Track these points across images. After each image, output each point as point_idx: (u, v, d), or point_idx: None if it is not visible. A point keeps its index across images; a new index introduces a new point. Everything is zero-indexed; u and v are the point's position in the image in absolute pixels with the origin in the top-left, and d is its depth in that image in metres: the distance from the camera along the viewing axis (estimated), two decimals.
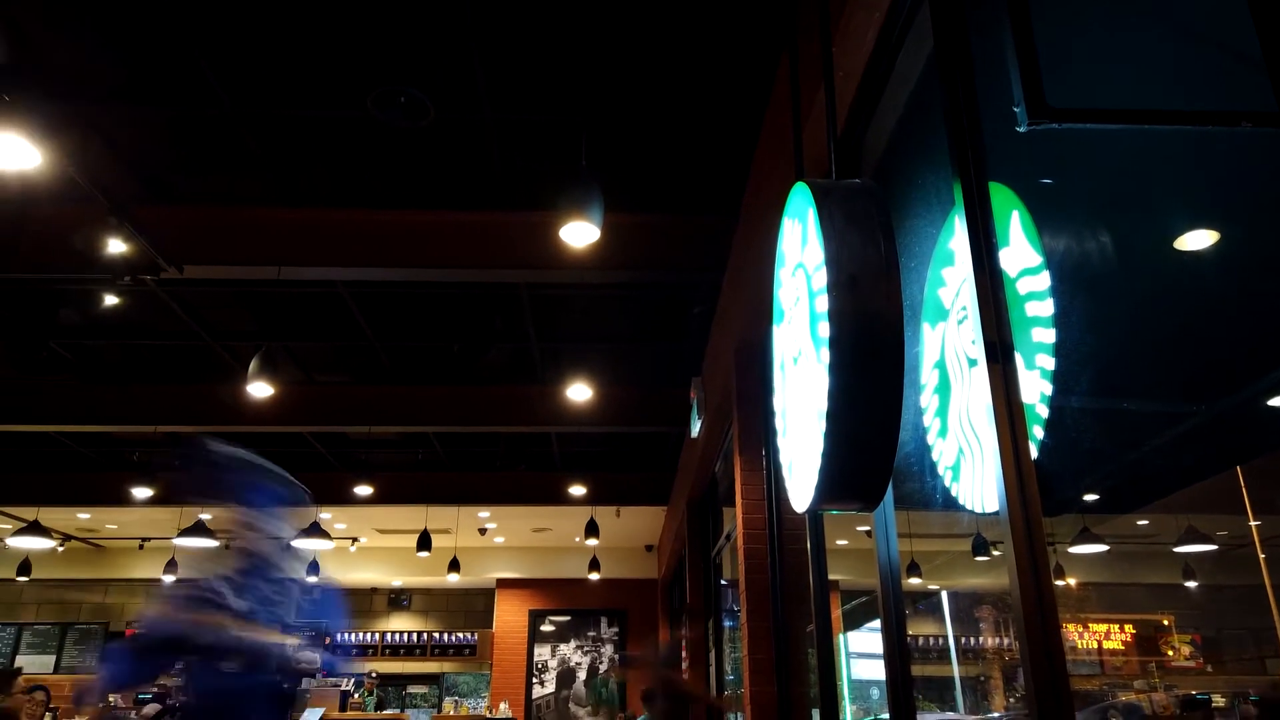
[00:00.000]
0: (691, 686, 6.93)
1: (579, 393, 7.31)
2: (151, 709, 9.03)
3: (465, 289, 6.28)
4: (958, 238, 2.05)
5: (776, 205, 2.90)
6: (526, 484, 10.60)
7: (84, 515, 11.61)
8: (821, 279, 1.95)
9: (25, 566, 12.03)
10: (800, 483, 2.18)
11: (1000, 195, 2.12)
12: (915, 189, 2.86)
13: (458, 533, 12.13)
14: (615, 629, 13.96)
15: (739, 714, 6.85)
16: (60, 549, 12.67)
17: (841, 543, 9.03)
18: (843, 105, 3.02)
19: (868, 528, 2.94)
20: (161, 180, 5.27)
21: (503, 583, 14.09)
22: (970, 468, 2.14)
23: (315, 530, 9.55)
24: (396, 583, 14.78)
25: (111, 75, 4.37)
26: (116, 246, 5.06)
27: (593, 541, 10.83)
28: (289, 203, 5.43)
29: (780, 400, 2.56)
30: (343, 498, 10.23)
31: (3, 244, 5.25)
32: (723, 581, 7.77)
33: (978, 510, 2.10)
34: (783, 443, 2.49)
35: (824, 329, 1.91)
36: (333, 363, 7.88)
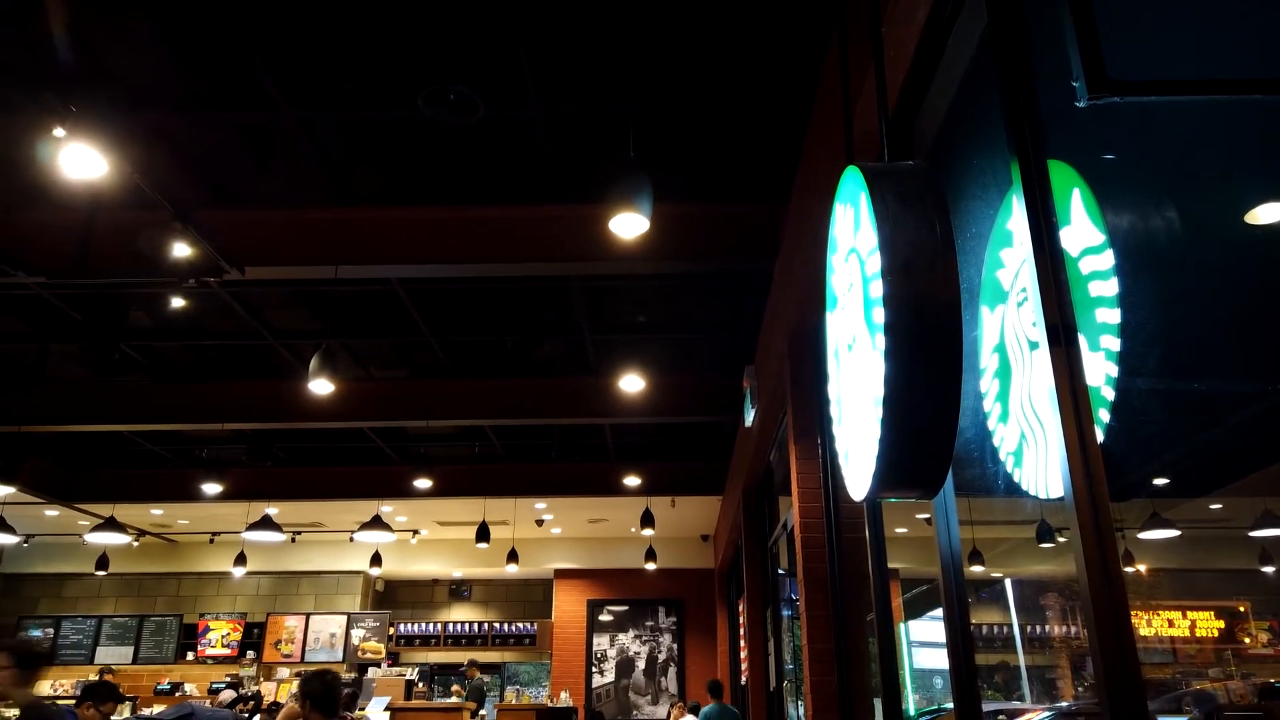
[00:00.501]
0: None
1: (631, 384, 7.33)
2: (227, 695, 9.33)
3: (517, 283, 6.33)
4: (1016, 218, 2.00)
5: (827, 190, 2.87)
6: (581, 475, 10.67)
7: (157, 511, 12.02)
8: (875, 263, 1.92)
9: (103, 561, 12.51)
10: (857, 471, 2.16)
11: (1060, 173, 2.06)
12: (971, 169, 2.80)
13: (515, 524, 12.27)
14: (673, 619, 14.00)
15: (799, 702, 6.82)
16: (135, 544, 13.15)
17: (901, 530, 8.92)
18: (894, 86, 2.97)
19: (927, 515, 2.90)
20: (222, 184, 5.41)
21: (560, 573, 14.23)
22: (1033, 453, 2.10)
23: (377, 523, 9.76)
24: (457, 573, 15.02)
25: (173, 84, 4.50)
26: (181, 250, 5.22)
27: (648, 532, 10.86)
28: (344, 203, 5.54)
29: (835, 388, 2.53)
30: (403, 491, 10.42)
31: (74, 250, 5.44)
32: (780, 570, 7.74)
33: (1041, 496, 2.06)
34: (838, 430, 2.47)
35: (879, 314, 1.89)
36: (390, 359, 8.02)
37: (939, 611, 2.80)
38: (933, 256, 1.88)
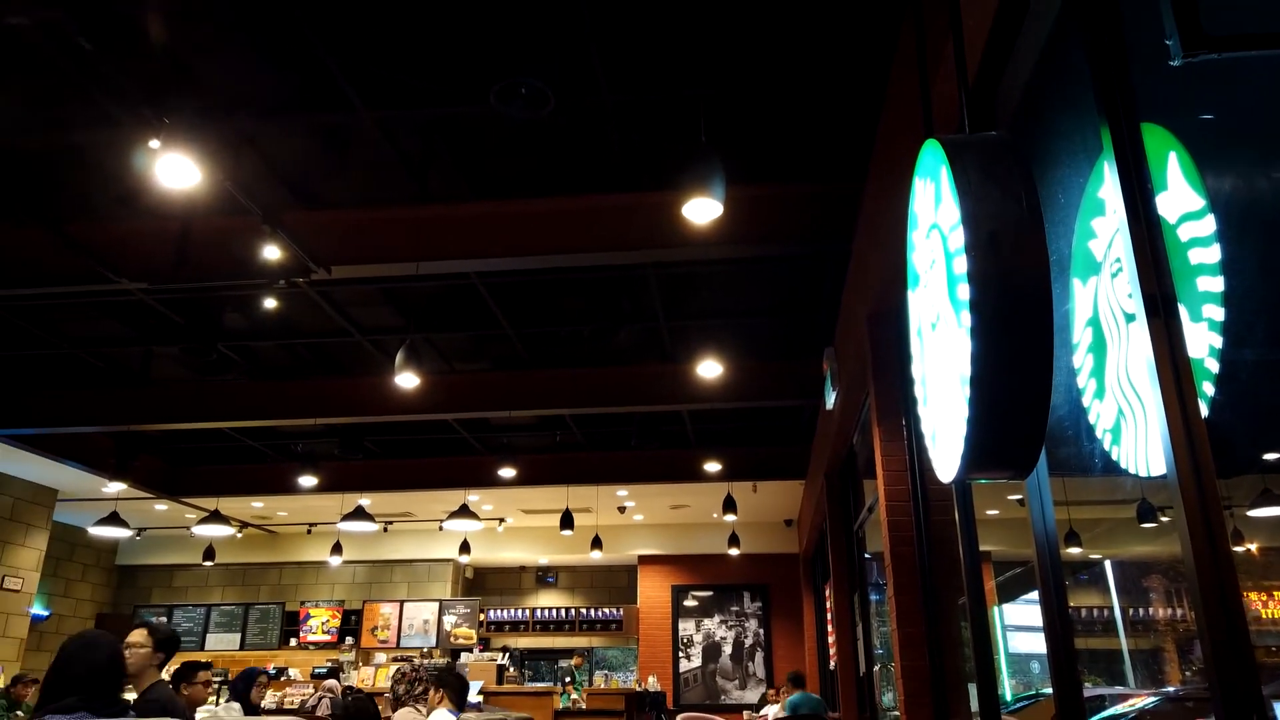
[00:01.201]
0: None
1: (709, 369, 7.31)
2: (330, 682, 9.70)
3: (592, 272, 6.37)
4: (1108, 185, 1.92)
5: (906, 166, 2.80)
6: (661, 462, 10.71)
7: (257, 504, 12.56)
8: (958, 239, 1.87)
9: (210, 552, 13.14)
10: (945, 452, 2.11)
11: (1154, 136, 1.97)
12: (1058, 137, 2.69)
13: (598, 511, 12.40)
14: (759, 604, 13.96)
15: (890, 687, 6.73)
16: (239, 535, 13.76)
17: (992, 512, 8.66)
18: (973, 55, 2.88)
19: (1020, 496, 2.82)
20: (306, 187, 5.59)
21: (644, 559, 14.33)
22: (1132, 429, 2.01)
23: (464, 512, 9.99)
24: (543, 560, 15.28)
25: (256, 92, 4.66)
26: (271, 252, 5.42)
27: (731, 517, 10.84)
28: (422, 200, 5.66)
29: (919, 368, 2.48)
30: (488, 480, 10.64)
31: (172, 256, 5.71)
32: (866, 555, 7.63)
33: (1142, 474, 1.98)
34: (924, 411, 2.41)
35: (963, 291, 1.83)
36: (471, 352, 8.18)
37: (1035, 595, 2.72)
38: (1019, 229, 1.82)
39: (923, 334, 2.39)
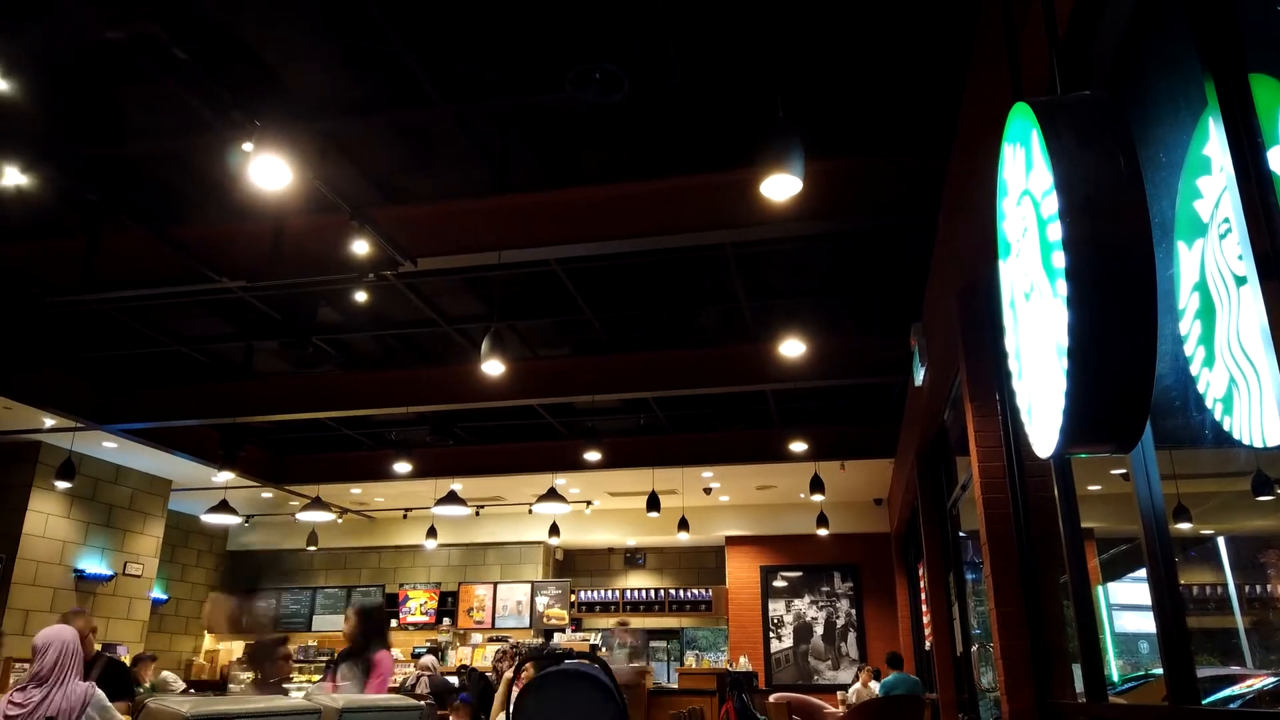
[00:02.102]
0: None
1: (792, 348, 7.22)
2: (428, 659, 10.03)
3: (671, 254, 6.35)
4: (1213, 142, 1.82)
5: (993, 132, 2.70)
6: (746, 443, 10.66)
7: (356, 490, 13.02)
8: (1052, 205, 1.80)
9: (313, 537, 13.71)
10: (1042, 427, 2.04)
11: (1263, 88, 1.85)
12: (1156, 94, 2.56)
13: (684, 493, 12.44)
14: (849, 584, 13.80)
15: (989, 668, 6.58)
16: (339, 521, 14.30)
17: (1094, 488, 8.35)
18: (1063, 11, 2.75)
19: (1124, 471, 2.71)
20: (392, 182, 5.73)
21: (731, 540, 14.32)
22: (1244, 398, 1.91)
23: (552, 495, 10.16)
24: (630, 542, 15.42)
25: (339, 92, 4.79)
26: (360, 247, 5.59)
27: (818, 497, 10.72)
28: (501, 190, 5.74)
29: (1012, 340, 2.40)
30: (574, 464, 10.78)
31: (267, 254, 5.94)
32: (961, 533, 7.45)
33: (1256, 445, 1.88)
34: (1018, 385, 2.34)
35: (1058, 259, 1.77)
36: (554, 337, 8.29)
37: (1143, 572, 2.62)
38: (1117, 192, 1.73)
39: (1015, 305, 2.31)
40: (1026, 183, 2.05)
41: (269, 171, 4.36)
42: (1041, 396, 2.01)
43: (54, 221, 5.98)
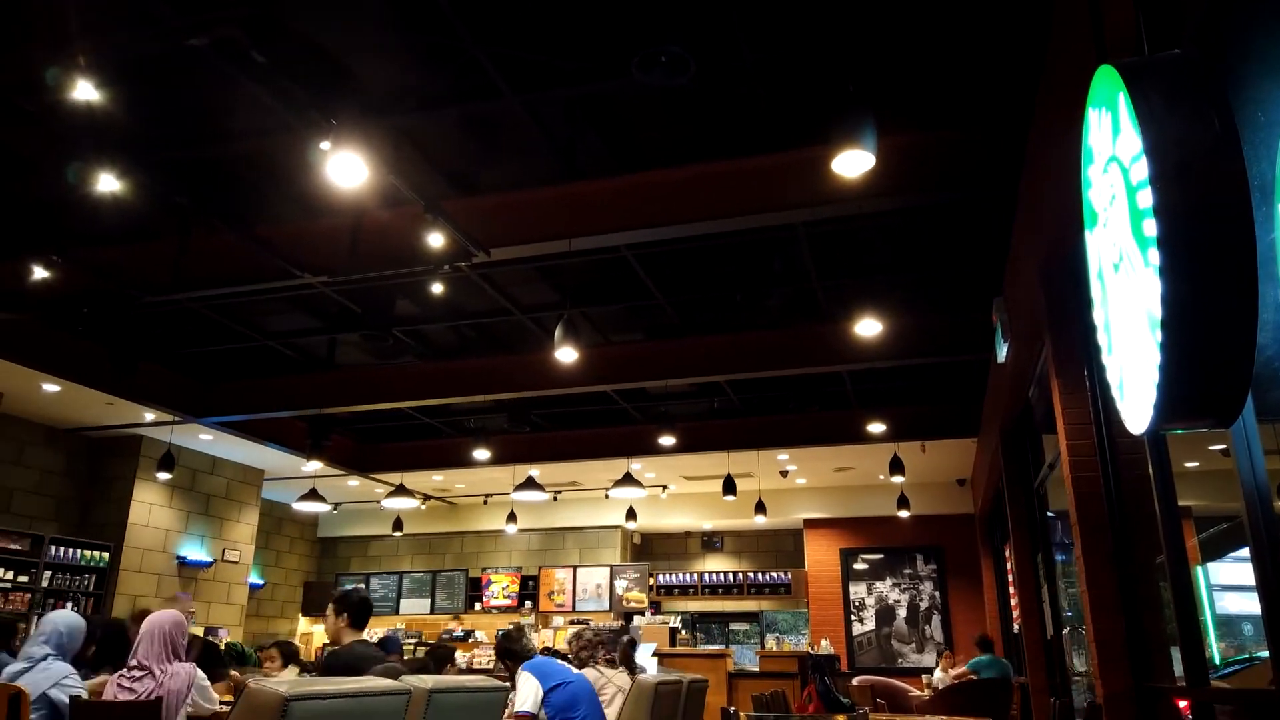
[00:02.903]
0: None
1: (868, 328, 7.09)
2: None
3: (741, 236, 6.30)
4: None
5: (1076, 97, 2.59)
6: (822, 424, 10.53)
7: (437, 477, 13.34)
8: (1141, 170, 1.72)
9: (398, 523, 14.10)
10: (1135, 402, 1.96)
11: None
12: (1253, 49, 2.41)
13: (760, 476, 12.38)
14: (933, 566, 13.55)
15: (1081, 651, 6.39)
16: (423, 507, 14.68)
17: (1191, 464, 8.00)
18: None
19: (1223, 446, 2.59)
20: (463, 174, 5.82)
21: (810, 523, 14.19)
22: None
23: (628, 480, 10.22)
24: (707, 525, 15.43)
25: (410, 87, 4.88)
26: (435, 240, 5.70)
27: (899, 479, 10.54)
28: (570, 178, 5.77)
29: (1100, 313, 2.31)
30: (649, 449, 10.82)
31: (347, 249, 6.10)
32: (1050, 513, 7.23)
33: None
34: (1108, 360, 2.25)
35: (1150, 227, 1.69)
36: (625, 323, 8.31)
37: (1245, 551, 2.50)
38: (1212, 155, 1.65)
39: (1104, 276, 2.22)
40: (1113, 148, 1.96)
41: (346, 168, 4.47)
42: (1134, 370, 1.93)
43: (148, 225, 6.25)
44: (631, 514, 12.97)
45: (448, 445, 11.90)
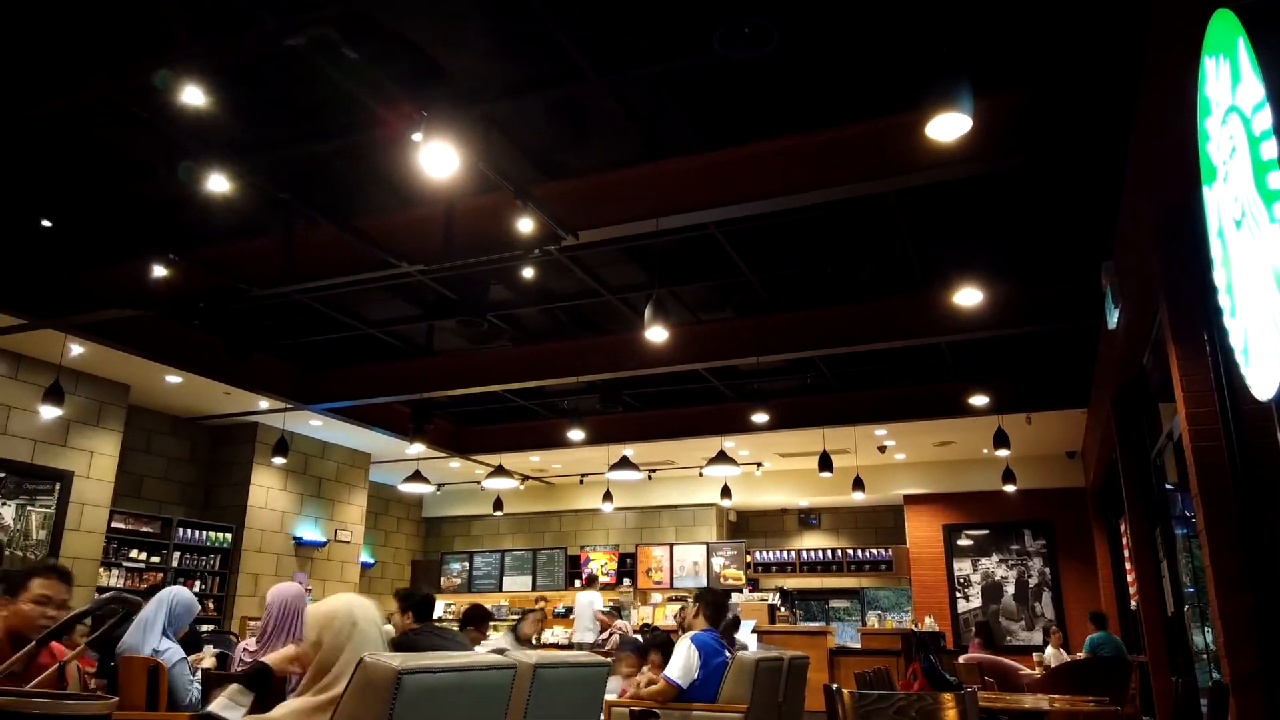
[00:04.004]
0: None
1: (967, 297, 6.86)
2: (620, 624, 10.37)
3: (830, 208, 6.15)
4: None
5: (1190, 45, 2.43)
6: (921, 398, 10.28)
7: (534, 458, 13.61)
8: (1264, 120, 1.60)
9: (498, 503, 14.46)
10: (1261, 366, 1.84)
11: None
12: None
13: (857, 452, 12.18)
14: (1042, 541, 13.10)
15: (1205, 629, 6.09)
16: (521, 487, 15.01)
17: None
18: None
19: None
20: (550, 159, 5.87)
21: (910, 499, 13.91)
22: None
23: (722, 458, 10.21)
24: (803, 502, 15.30)
25: (495, 75, 4.94)
26: (525, 225, 5.78)
27: (1003, 452, 10.19)
28: (656, 157, 5.75)
29: (1222, 273, 2.17)
30: (742, 426, 10.77)
31: (441, 237, 6.24)
32: (1168, 485, 6.89)
33: None
34: (1231, 322, 2.12)
35: (1275, 180, 1.57)
36: (714, 301, 8.27)
37: None
38: None
39: (1224, 234, 2.09)
40: (1233, 98, 1.84)
41: (437, 158, 4.57)
42: (1259, 332, 1.81)
43: (255, 222, 6.54)
44: (726, 492, 12.95)
45: (543, 426, 12.12)
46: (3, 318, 7.45)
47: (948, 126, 3.98)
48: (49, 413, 8.18)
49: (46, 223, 6.46)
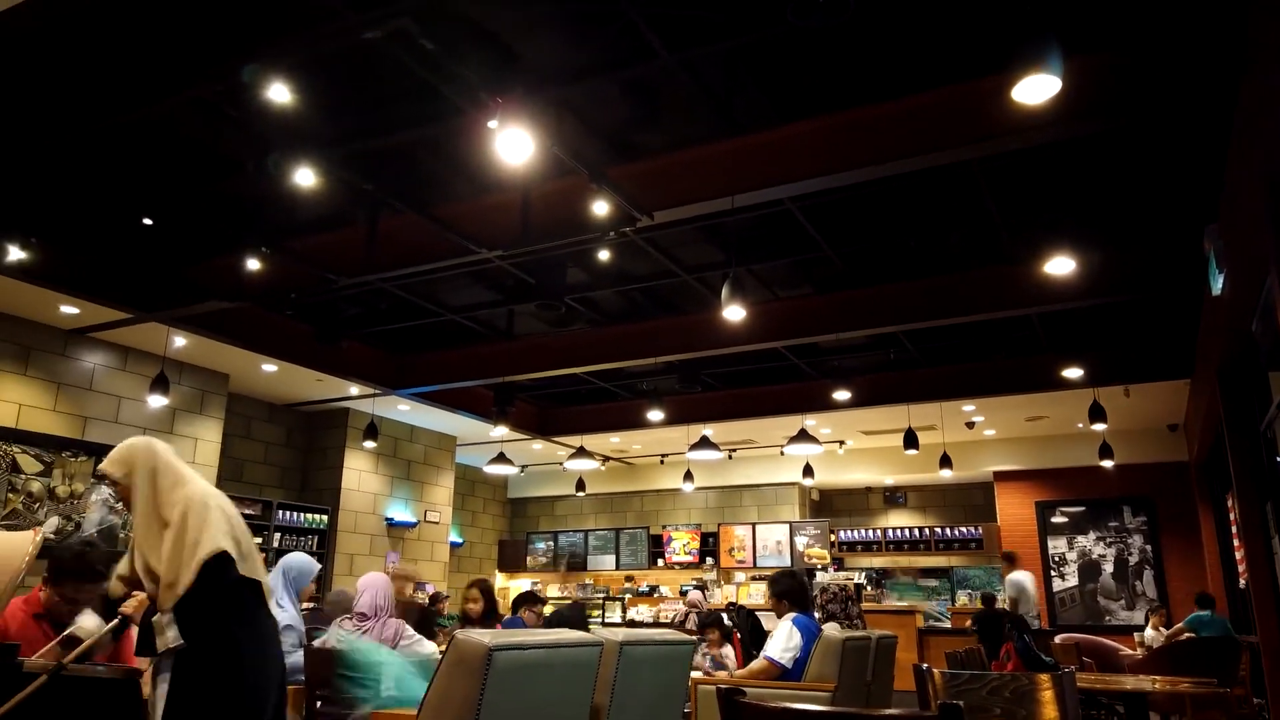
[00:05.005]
0: None
1: (1059, 266, 6.59)
2: (694, 595, 10.41)
3: (911, 179, 5.97)
4: None
5: None
6: (1010, 372, 9.96)
7: (614, 439, 13.72)
8: None
9: (580, 484, 14.64)
10: None
11: None
12: None
13: (943, 428, 11.90)
14: (1142, 518, 12.59)
15: None
16: (602, 468, 15.15)
17: None
18: None
19: None
20: (623, 140, 5.87)
21: (1000, 475, 13.53)
22: None
23: (803, 436, 10.11)
24: (889, 480, 15.05)
25: (568, 59, 4.95)
26: (600, 207, 5.80)
27: (1100, 426, 9.80)
28: (730, 134, 5.69)
29: None
30: (823, 404, 10.64)
31: (518, 223, 6.32)
32: (1279, 458, 6.53)
33: None
34: None
35: None
36: (793, 278, 8.16)
37: None
38: None
39: None
40: None
41: (513, 144, 4.62)
42: None
43: (340, 213, 6.73)
44: (808, 470, 12.82)
45: (623, 408, 12.20)
46: (111, 312, 7.88)
47: (1035, 89, 3.82)
48: (156, 402, 8.61)
49: (148, 221, 6.78)
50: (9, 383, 8.14)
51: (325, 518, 11.64)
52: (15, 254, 6.50)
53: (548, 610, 7.25)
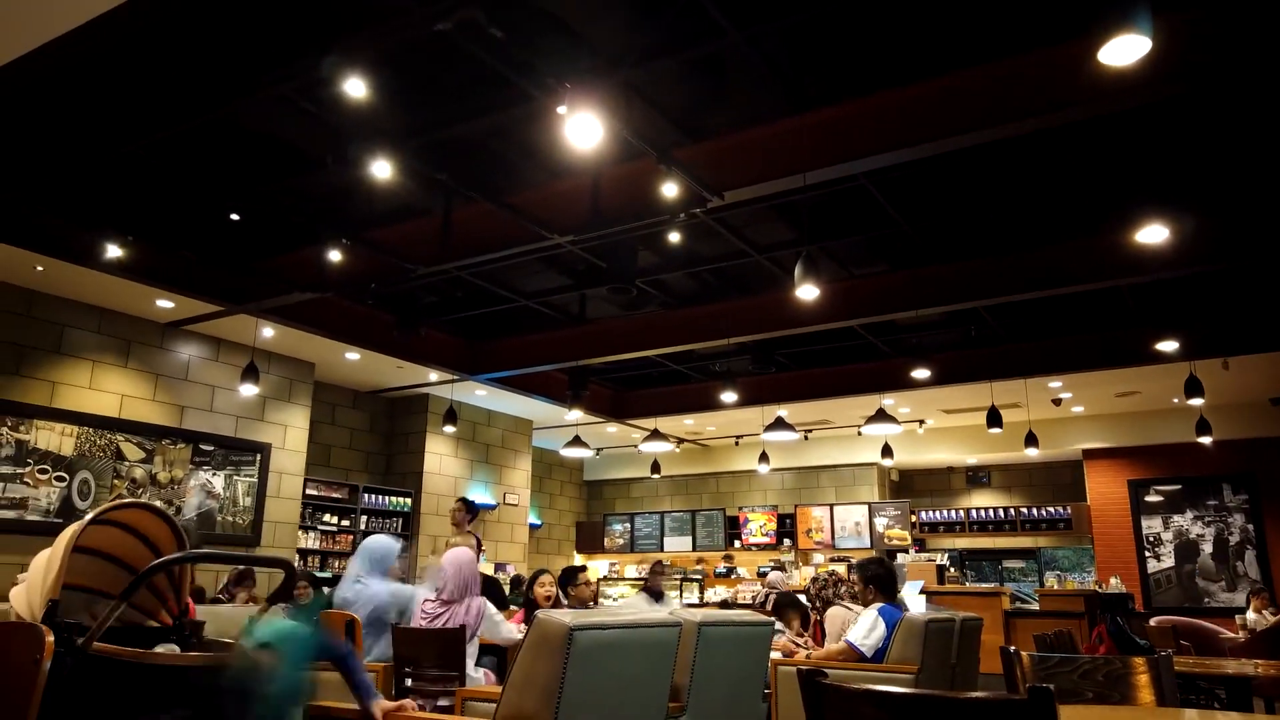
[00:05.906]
0: None
1: (1151, 234, 6.30)
2: (775, 576, 10.38)
3: (989, 149, 5.77)
4: None
5: None
6: (1099, 346, 9.59)
7: (689, 421, 13.72)
8: None
9: (655, 466, 14.70)
10: None
11: None
12: None
13: (1028, 406, 11.55)
14: (1243, 496, 12.02)
15: None
16: (677, 450, 15.18)
17: None
18: None
19: None
20: (692, 120, 5.82)
21: (1089, 453, 13.08)
22: None
23: (881, 416, 9.93)
24: (971, 460, 14.70)
25: (635, 40, 4.93)
26: (669, 189, 5.78)
27: (1196, 401, 9.36)
28: (800, 110, 5.59)
29: None
30: (901, 383, 10.44)
31: (588, 207, 6.34)
32: None
33: None
34: None
35: None
36: (867, 255, 8.00)
37: None
38: None
39: None
40: None
41: (582, 129, 4.63)
42: None
43: (415, 203, 6.87)
44: (887, 451, 12.61)
45: (696, 390, 12.19)
46: (204, 305, 8.22)
47: (1124, 50, 3.65)
48: (247, 391, 8.97)
49: (235, 216, 7.03)
50: (112, 375, 8.58)
51: (409, 501, 11.97)
52: (115, 251, 6.84)
53: (629, 590, 7.35)
